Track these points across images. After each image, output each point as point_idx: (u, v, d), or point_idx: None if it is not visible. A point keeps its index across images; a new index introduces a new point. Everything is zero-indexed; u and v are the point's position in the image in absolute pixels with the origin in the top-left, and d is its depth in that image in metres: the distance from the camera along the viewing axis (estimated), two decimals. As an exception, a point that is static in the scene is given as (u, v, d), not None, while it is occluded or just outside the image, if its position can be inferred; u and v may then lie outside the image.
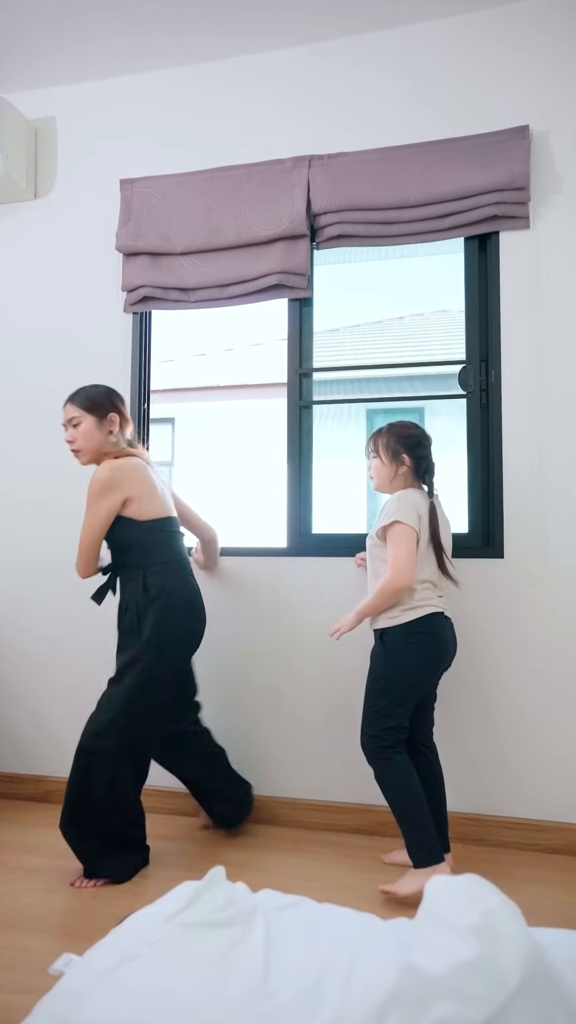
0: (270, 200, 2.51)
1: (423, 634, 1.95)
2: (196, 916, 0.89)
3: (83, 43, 2.58)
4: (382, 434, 2.05)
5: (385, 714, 1.95)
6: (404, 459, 2.00)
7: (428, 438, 2.04)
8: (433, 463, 2.04)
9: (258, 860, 2.14)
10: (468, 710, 2.30)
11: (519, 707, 2.27)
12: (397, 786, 1.92)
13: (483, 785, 2.28)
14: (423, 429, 2.05)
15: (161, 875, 2.04)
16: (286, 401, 2.55)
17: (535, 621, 2.27)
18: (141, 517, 2.04)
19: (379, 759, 1.95)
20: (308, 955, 0.84)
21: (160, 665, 2.00)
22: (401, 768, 1.93)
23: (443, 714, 2.32)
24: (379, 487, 2.08)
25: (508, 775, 2.27)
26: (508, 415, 2.34)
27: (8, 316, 2.81)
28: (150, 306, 2.66)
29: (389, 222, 2.43)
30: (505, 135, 2.33)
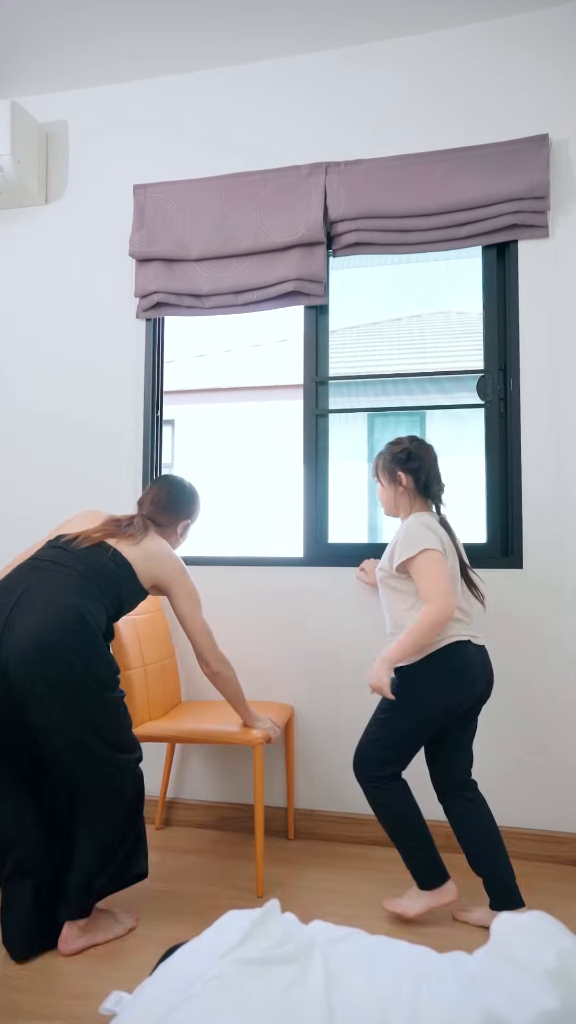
0: (286, 207, 2.49)
1: (442, 668, 1.77)
2: (252, 952, 0.87)
3: (95, 46, 2.55)
4: (379, 456, 1.99)
5: (384, 745, 1.81)
6: (400, 477, 1.91)
7: (424, 449, 1.93)
8: (437, 476, 1.93)
9: (284, 876, 2.12)
10: (486, 721, 2.29)
11: (538, 718, 2.26)
12: (390, 814, 1.81)
13: (502, 796, 2.27)
14: (419, 441, 1.94)
15: (193, 892, 2.02)
16: (302, 409, 2.54)
17: (555, 631, 2.26)
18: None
19: (370, 788, 1.83)
20: (370, 992, 0.82)
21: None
22: (394, 796, 1.81)
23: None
24: (387, 511, 2.00)
25: (527, 786, 2.26)
26: (527, 424, 2.33)
27: (19, 321, 2.77)
28: (163, 312, 2.64)
29: (407, 230, 2.41)
30: (524, 143, 2.32)
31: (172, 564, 1.88)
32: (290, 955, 0.86)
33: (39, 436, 2.72)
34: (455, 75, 2.43)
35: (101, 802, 1.70)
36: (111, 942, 1.75)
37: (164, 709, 2.29)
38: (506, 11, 2.37)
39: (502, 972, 0.76)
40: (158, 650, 2.33)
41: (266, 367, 7.24)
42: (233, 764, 2.48)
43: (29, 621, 1.62)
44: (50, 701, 1.60)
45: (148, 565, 1.84)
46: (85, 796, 1.70)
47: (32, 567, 1.75)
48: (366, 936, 0.95)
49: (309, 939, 0.89)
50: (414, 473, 1.90)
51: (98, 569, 1.75)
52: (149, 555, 1.84)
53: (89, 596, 1.70)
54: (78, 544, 1.79)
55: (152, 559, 1.85)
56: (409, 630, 1.74)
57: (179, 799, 2.51)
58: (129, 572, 1.80)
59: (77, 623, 1.64)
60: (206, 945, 0.90)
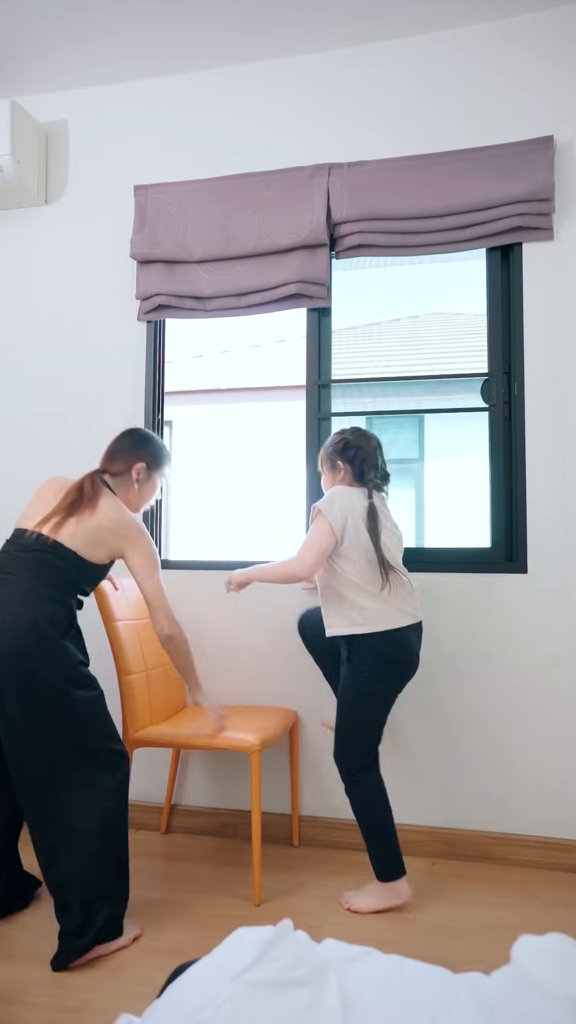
0: (289, 208, 2.47)
1: (384, 654, 1.91)
2: (264, 974, 0.84)
3: (95, 46, 2.53)
4: (322, 448, 2.09)
5: (356, 734, 1.94)
6: (339, 465, 2.02)
7: (363, 439, 2.01)
8: (374, 464, 2.00)
9: (287, 883, 2.11)
10: (493, 726, 2.27)
11: (543, 724, 2.25)
12: (370, 803, 1.93)
13: (506, 802, 2.26)
14: (360, 432, 2.04)
15: (193, 901, 2.00)
16: (304, 412, 2.52)
17: (560, 636, 2.25)
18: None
19: (353, 780, 1.94)
20: (387, 1016, 0.80)
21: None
22: (373, 785, 1.93)
23: (467, 731, 2.29)
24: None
25: (532, 792, 2.24)
26: (531, 428, 2.31)
27: (19, 322, 2.75)
28: (165, 314, 2.62)
29: (410, 232, 2.39)
30: (529, 145, 2.30)
31: (124, 530, 1.83)
32: (304, 977, 0.84)
33: (39, 438, 2.69)
34: (459, 76, 2.41)
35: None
36: (115, 953, 1.72)
37: (167, 714, 2.27)
38: (510, 12, 2.35)
39: (523, 998, 0.74)
40: (160, 654, 2.31)
41: (264, 368, 7.21)
42: (235, 770, 2.46)
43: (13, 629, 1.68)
44: (15, 707, 1.66)
45: (98, 539, 1.81)
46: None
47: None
48: (380, 956, 0.93)
49: (323, 960, 0.87)
50: (351, 461, 2.00)
51: (43, 568, 1.77)
52: (101, 528, 1.81)
53: (40, 597, 1.73)
54: (26, 542, 1.80)
55: (103, 531, 1.81)
56: (276, 565, 1.95)
57: (181, 805, 2.49)
58: (76, 560, 1.79)
59: (31, 631, 1.68)
60: (217, 966, 0.88)
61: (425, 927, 1.87)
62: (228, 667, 2.47)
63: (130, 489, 1.96)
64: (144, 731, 2.10)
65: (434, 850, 2.28)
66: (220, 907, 1.96)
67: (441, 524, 5.66)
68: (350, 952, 0.92)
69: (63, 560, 1.79)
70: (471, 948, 1.77)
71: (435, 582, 2.34)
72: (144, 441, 2.00)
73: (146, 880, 2.12)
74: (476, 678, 2.29)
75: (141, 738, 2.07)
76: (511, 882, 2.12)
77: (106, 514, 1.83)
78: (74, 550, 1.80)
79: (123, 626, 2.13)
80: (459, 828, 2.28)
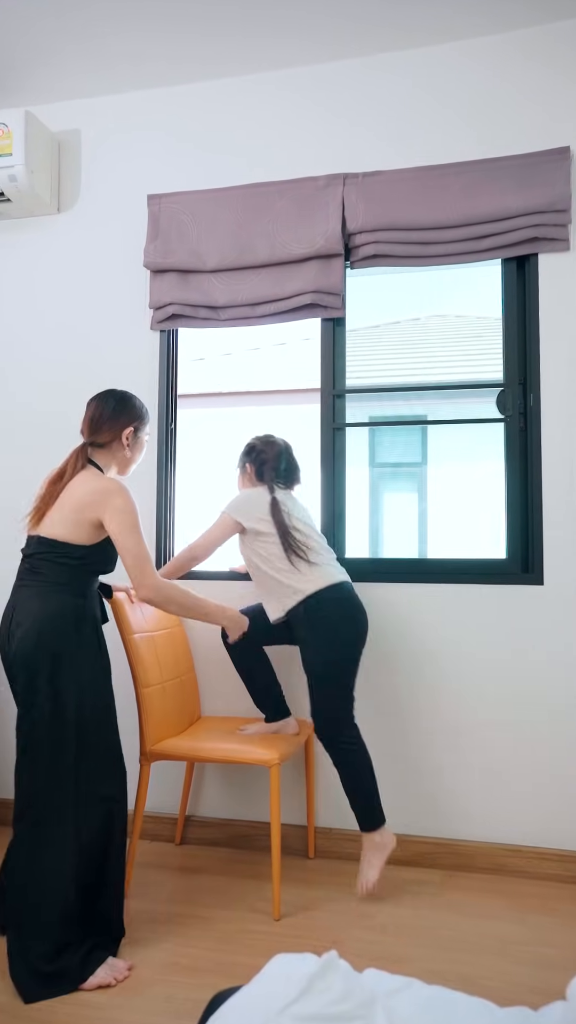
0: (303, 218, 2.46)
1: (326, 612, 2.09)
2: (312, 1007, 0.84)
3: (108, 55, 2.52)
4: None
5: (333, 696, 2.08)
6: (246, 467, 2.29)
7: (267, 445, 2.26)
8: (275, 466, 2.22)
9: (304, 897, 2.10)
10: (509, 738, 2.27)
11: (560, 736, 2.24)
12: (361, 767, 2.07)
13: (522, 814, 2.25)
14: (268, 439, 2.28)
15: (211, 915, 1.99)
16: (319, 422, 2.51)
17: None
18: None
19: (341, 744, 2.07)
20: (436, 1051, 0.80)
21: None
22: (362, 748, 2.09)
23: (482, 743, 2.29)
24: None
25: (549, 804, 2.24)
26: (548, 439, 2.31)
27: (32, 331, 2.74)
28: (178, 324, 2.61)
29: (426, 242, 2.39)
30: (545, 156, 2.30)
31: (94, 497, 1.79)
32: (352, 1012, 0.83)
33: (51, 447, 2.68)
34: (474, 87, 2.41)
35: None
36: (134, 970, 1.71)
37: (182, 726, 2.27)
38: (525, 23, 2.35)
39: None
40: (176, 665, 2.31)
41: (265, 372, 7.20)
42: (249, 781, 2.45)
43: (18, 632, 1.76)
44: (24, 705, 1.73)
45: (78, 519, 1.79)
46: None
47: (15, 585, 1.85)
48: (423, 986, 0.92)
49: (370, 993, 0.86)
50: (253, 463, 2.26)
51: (40, 570, 1.80)
52: (76, 508, 1.79)
53: (46, 598, 1.77)
54: (26, 548, 1.85)
55: (79, 510, 1.79)
56: (188, 597, 2.02)
57: (194, 816, 2.48)
58: (64, 549, 1.78)
59: (37, 632, 1.74)
60: (261, 997, 0.88)
61: (444, 942, 1.86)
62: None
63: (119, 454, 1.94)
64: (161, 744, 2.09)
65: (448, 862, 2.28)
66: (240, 922, 1.95)
67: (445, 530, 5.65)
68: (393, 983, 0.92)
69: (54, 555, 1.78)
70: (490, 964, 1.77)
71: (449, 593, 2.33)
72: (124, 403, 1.95)
73: (162, 892, 2.11)
74: (491, 690, 2.29)
75: (158, 751, 2.06)
76: (527, 896, 2.12)
77: (77, 490, 1.81)
78: (59, 539, 1.78)
79: (140, 639, 2.13)
80: (473, 840, 2.28)
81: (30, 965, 1.63)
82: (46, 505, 1.82)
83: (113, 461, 1.95)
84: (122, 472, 1.99)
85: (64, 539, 1.79)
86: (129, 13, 2.34)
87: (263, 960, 1.70)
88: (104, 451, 1.93)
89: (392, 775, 2.34)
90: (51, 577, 1.78)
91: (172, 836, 2.47)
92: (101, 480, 1.84)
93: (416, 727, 2.33)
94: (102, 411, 1.93)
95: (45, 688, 1.72)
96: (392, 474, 6.26)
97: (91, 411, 1.95)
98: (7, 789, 2.63)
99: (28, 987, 1.61)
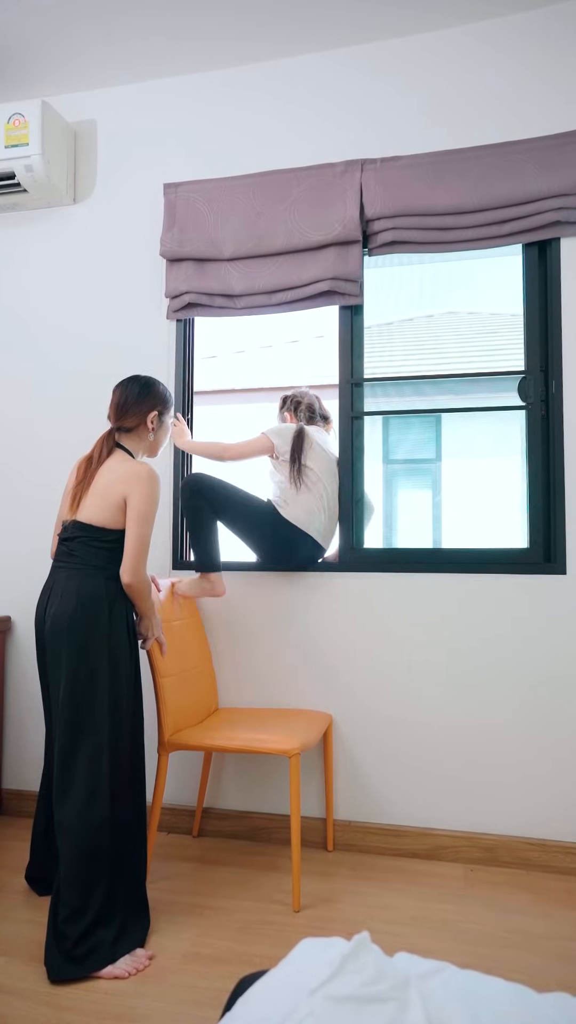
0: (321, 205, 2.44)
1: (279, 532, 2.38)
2: (345, 989, 0.81)
3: (124, 45, 2.51)
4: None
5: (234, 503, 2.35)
6: (285, 416, 2.62)
7: (297, 393, 2.60)
8: (312, 407, 2.57)
9: (323, 889, 2.07)
10: (532, 730, 2.23)
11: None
12: (206, 518, 2.31)
13: (547, 808, 2.21)
14: (296, 389, 2.64)
15: (231, 906, 1.97)
16: (338, 411, 2.49)
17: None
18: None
19: (197, 495, 2.31)
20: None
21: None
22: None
23: (505, 735, 2.25)
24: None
25: (567, 798, 2.20)
26: (570, 426, 2.27)
27: (47, 322, 2.73)
28: (194, 313, 2.59)
29: (446, 228, 2.36)
30: (566, 138, 2.26)
31: (127, 476, 1.87)
32: (386, 993, 0.81)
33: (68, 436, 2.68)
34: (494, 69, 2.37)
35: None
36: (154, 960, 1.70)
37: (199, 717, 2.25)
38: (542, 2, 2.31)
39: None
40: (192, 656, 2.29)
41: (278, 368, 7.19)
42: (267, 773, 2.43)
43: (54, 612, 1.84)
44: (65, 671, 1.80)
45: (110, 503, 1.86)
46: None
47: (53, 567, 1.93)
48: (457, 971, 0.89)
49: (404, 975, 0.84)
50: (290, 408, 2.61)
51: (76, 552, 1.87)
52: (108, 490, 1.87)
53: (81, 580, 1.84)
54: (64, 533, 1.92)
55: (110, 492, 1.86)
56: (210, 443, 2.51)
57: (212, 808, 2.46)
58: (98, 533, 1.86)
59: (76, 606, 1.81)
60: (292, 979, 0.85)
61: (469, 936, 1.83)
62: (259, 670, 2.44)
63: (145, 438, 2.02)
64: (179, 734, 2.07)
65: (471, 856, 2.24)
66: (260, 912, 1.93)
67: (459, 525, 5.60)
68: (426, 967, 0.89)
69: (89, 535, 1.87)
70: (516, 958, 1.74)
71: (471, 583, 2.30)
72: (149, 388, 2.02)
73: (181, 884, 2.09)
74: (513, 681, 2.26)
75: (177, 741, 2.05)
76: (551, 890, 2.08)
77: (109, 474, 1.89)
78: (94, 524, 1.86)
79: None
80: (498, 834, 2.24)
81: (63, 943, 1.64)
82: (82, 491, 1.90)
83: (140, 445, 2.03)
84: (151, 455, 2.08)
85: (99, 523, 1.87)
86: (140, 4, 2.33)
87: (284, 951, 1.69)
88: (131, 435, 2.00)
89: (413, 766, 2.31)
90: (86, 560, 1.85)
91: (190, 828, 2.46)
92: (132, 464, 1.92)
93: (438, 718, 2.30)
94: (127, 396, 2.00)
95: (77, 667, 1.76)
96: (406, 470, 6.22)
97: (116, 397, 2.02)
98: (23, 781, 2.63)
99: (58, 965, 1.62)
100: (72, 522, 1.90)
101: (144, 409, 1.99)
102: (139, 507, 1.84)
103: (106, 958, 1.64)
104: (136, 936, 1.73)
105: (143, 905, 1.80)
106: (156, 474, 1.89)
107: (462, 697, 2.29)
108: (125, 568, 1.85)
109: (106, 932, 1.68)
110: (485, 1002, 0.83)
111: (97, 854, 1.70)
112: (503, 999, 0.84)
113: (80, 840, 1.69)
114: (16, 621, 2.68)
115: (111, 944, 1.66)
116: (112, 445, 1.96)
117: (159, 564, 2.55)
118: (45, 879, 1.99)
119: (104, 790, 1.72)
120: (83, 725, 1.75)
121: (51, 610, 1.84)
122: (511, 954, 1.75)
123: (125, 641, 1.84)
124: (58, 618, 1.81)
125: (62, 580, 1.86)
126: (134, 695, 1.85)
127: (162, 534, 2.56)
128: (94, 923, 1.67)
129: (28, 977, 1.62)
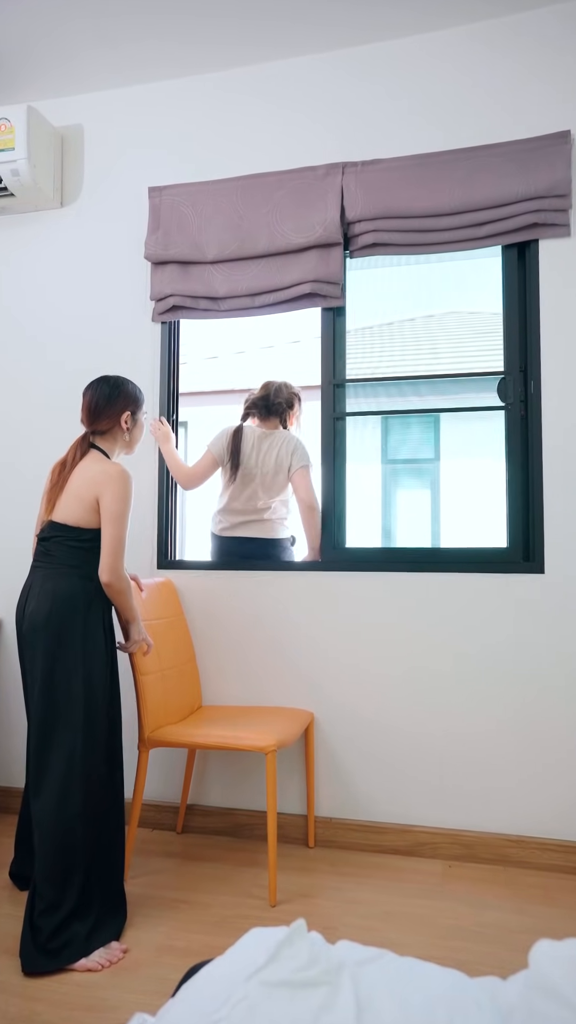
0: (302, 207, 2.46)
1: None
2: (279, 974, 0.84)
3: (109, 50, 2.54)
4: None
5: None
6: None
7: (260, 387, 2.75)
8: (261, 399, 2.72)
9: (302, 885, 2.10)
10: (511, 727, 2.25)
11: (565, 726, 2.22)
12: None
13: (525, 805, 2.23)
14: (266, 382, 2.75)
15: (209, 901, 2.00)
16: (320, 411, 2.51)
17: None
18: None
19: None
20: (402, 1018, 0.79)
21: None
22: None
23: (485, 732, 2.27)
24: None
25: (552, 795, 2.22)
26: (548, 426, 2.29)
27: (34, 326, 2.77)
28: (179, 315, 2.62)
29: (425, 230, 2.38)
30: (545, 141, 2.28)
31: (100, 477, 1.89)
32: (318, 978, 0.83)
33: (54, 440, 2.71)
34: (472, 72, 2.39)
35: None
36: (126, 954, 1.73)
37: (181, 714, 2.27)
38: (523, 7, 2.33)
39: (543, 1006, 0.73)
40: (176, 654, 2.31)
41: (279, 369, 7.22)
42: (250, 770, 2.46)
43: (31, 611, 1.87)
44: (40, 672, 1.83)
45: (85, 503, 1.89)
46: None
47: (32, 567, 1.97)
48: (395, 958, 0.92)
49: (338, 961, 0.86)
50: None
51: (53, 552, 1.90)
52: (86, 488, 1.89)
53: (60, 578, 1.87)
54: (41, 533, 1.95)
55: (88, 491, 1.89)
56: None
57: (196, 805, 2.49)
58: (74, 533, 1.89)
59: (52, 604, 1.84)
60: (231, 966, 0.88)
61: (442, 931, 1.85)
62: (242, 668, 2.47)
63: (120, 438, 2.05)
64: (159, 731, 2.10)
65: (451, 852, 2.26)
66: (237, 907, 1.96)
67: (458, 524, 5.62)
68: (365, 954, 0.92)
69: (65, 535, 1.89)
70: (488, 952, 1.76)
71: (451, 582, 2.32)
72: (119, 388, 2.03)
73: (161, 879, 2.12)
74: (494, 678, 2.27)
75: (156, 738, 2.07)
76: (529, 886, 2.10)
77: (83, 474, 1.91)
78: (69, 523, 1.90)
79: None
80: (476, 830, 2.26)
81: (38, 936, 1.67)
82: (57, 491, 1.93)
83: (116, 445, 2.05)
84: (129, 452, 2.12)
85: (74, 523, 1.90)
86: (129, 8, 2.36)
87: (256, 944, 1.71)
88: (106, 437, 2.03)
89: (394, 763, 2.33)
90: (63, 560, 1.88)
91: (173, 824, 2.49)
92: (106, 464, 1.94)
93: (418, 715, 2.32)
94: (97, 400, 2.02)
95: (53, 665, 1.80)
96: (405, 470, 6.23)
97: (87, 400, 2.03)
98: (8, 778, 2.67)
99: (32, 957, 1.64)
100: (48, 522, 1.93)
101: (116, 411, 2.01)
102: (111, 507, 1.87)
103: (80, 951, 1.67)
104: (112, 930, 1.76)
105: (120, 899, 1.83)
106: (128, 474, 1.91)
107: (441, 695, 2.31)
108: (103, 568, 1.88)
109: (81, 926, 1.70)
110: (416, 986, 0.85)
111: (71, 848, 1.73)
112: (435, 984, 0.86)
113: (54, 834, 1.72)
114: (2, 619, 2.72)
115: (85, 938, 1.69)
116: (87, 448, 1.99)
117: (143, 563, 2.58)
118: (28, 876, 2.02)
119: (78, 785, 1.75)
120: (56, 722, 1.78)
121: (29, 609, 1.88)
122: (483, 948, 1.77)
123: (101, 640, 1.87)
124: (35, 617, 1.84)
125: (39, 580, 1.90)
126: (110, 693, 1.87)
127: (146, 533, 2.59)
128: (69, 916, 1.70)
129: (2, 970, 1.65)
